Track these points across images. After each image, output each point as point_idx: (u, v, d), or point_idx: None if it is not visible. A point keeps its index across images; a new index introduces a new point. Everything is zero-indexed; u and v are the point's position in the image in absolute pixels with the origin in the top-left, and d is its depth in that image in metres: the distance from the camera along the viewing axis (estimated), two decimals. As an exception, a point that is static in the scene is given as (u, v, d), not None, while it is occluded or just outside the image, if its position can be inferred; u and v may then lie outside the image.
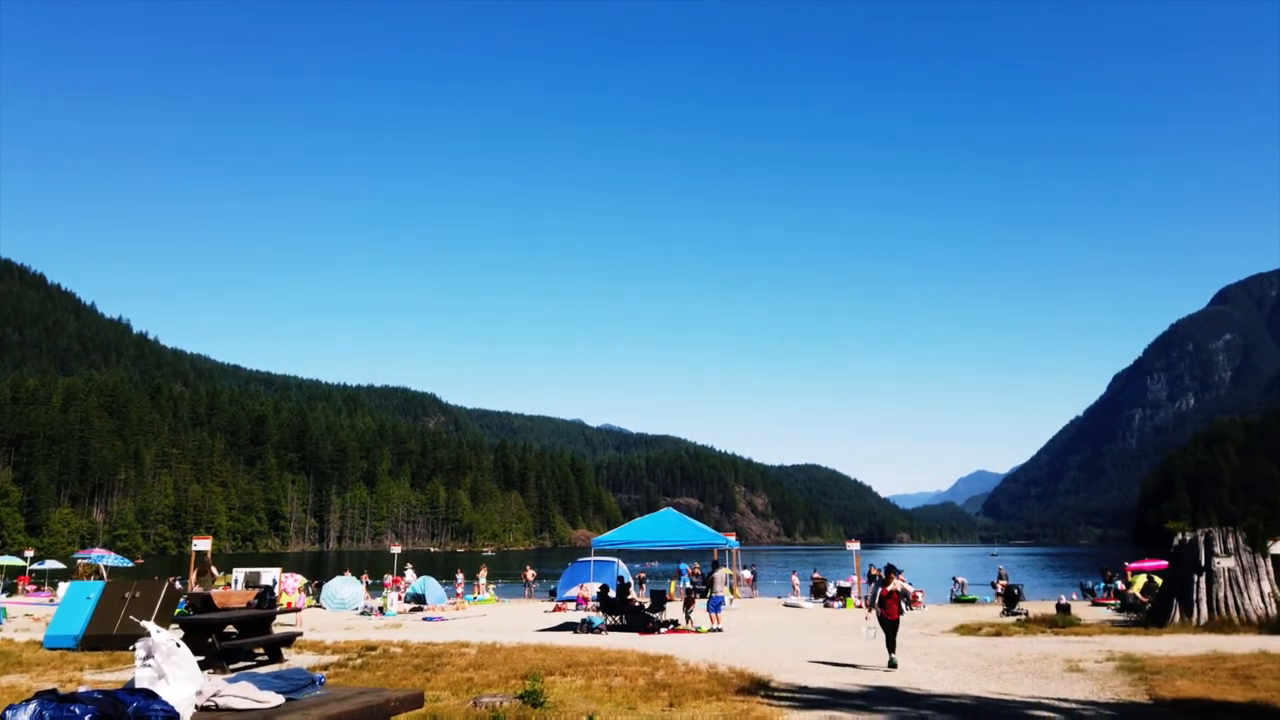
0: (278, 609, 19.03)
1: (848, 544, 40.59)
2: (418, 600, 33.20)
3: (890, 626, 15.11)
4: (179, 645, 4.12)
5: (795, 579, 41.00)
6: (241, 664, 15.19)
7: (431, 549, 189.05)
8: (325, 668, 14.51)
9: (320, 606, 33.01)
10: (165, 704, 3.76)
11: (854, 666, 15.05)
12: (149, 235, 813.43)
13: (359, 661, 15.43)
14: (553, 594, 36.73)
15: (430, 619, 27.65)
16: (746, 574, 43.48)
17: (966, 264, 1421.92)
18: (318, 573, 55.56)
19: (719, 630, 22.25)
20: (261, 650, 15.91)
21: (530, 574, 45.16)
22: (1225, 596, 21.27)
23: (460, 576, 42.43)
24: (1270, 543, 25.29)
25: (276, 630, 17.71)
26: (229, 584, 33.08)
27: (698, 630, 22.23)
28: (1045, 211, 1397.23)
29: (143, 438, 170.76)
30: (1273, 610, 20.96)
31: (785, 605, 33.32)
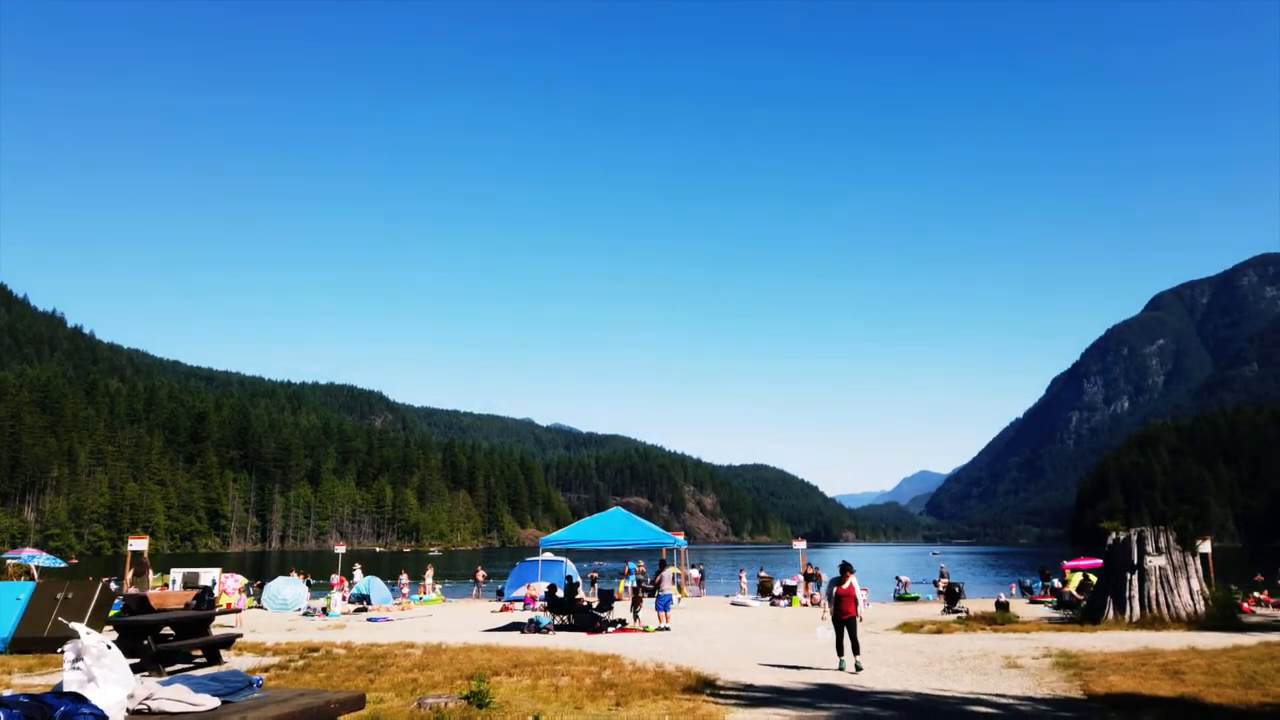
0: (217, 610, 18.60)
1: (794, 543, 40.99)
2: (362, 601, 32.75)
3: (845, 626, 14.56)
4: (110, 647, 4.01)
5: (743, 578, 41.27)
6: (179, 666, 14.82)
7: (377, 549, 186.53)
8: (266, 669, 14.24)
9: (262, 607, 32.39)
10: (94, 708, 3.65)
11: (799, 665, 15.19)
12: (85, 227, 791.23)
13: (301, 663, 15.16)
14: (500, 594, 36.50)
15: (375, 620, 27.28)
16: (694, 573, 43.65)
17: (912, 271, 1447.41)
18: (260, 573, 54.42)
19: (666, 629, 22.31)
20: (199, 652, 15.54)
21: (481, 574, 44.85)
22: (1157, 594, 21.93)
23: (403, 577, 41.92)
24: (1199, 542, 26.17)
25: (215, 632, 17.33)
26: (166, 585, 32.27)
27: (645, 629, 22.27)
28: (988, 219, 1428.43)
29: (77, 434, 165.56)
30: (1201, 607, 21.67)
31: (732, 604, 33.52)
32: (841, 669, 14.15)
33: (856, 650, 14.36)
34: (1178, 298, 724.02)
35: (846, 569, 15.05)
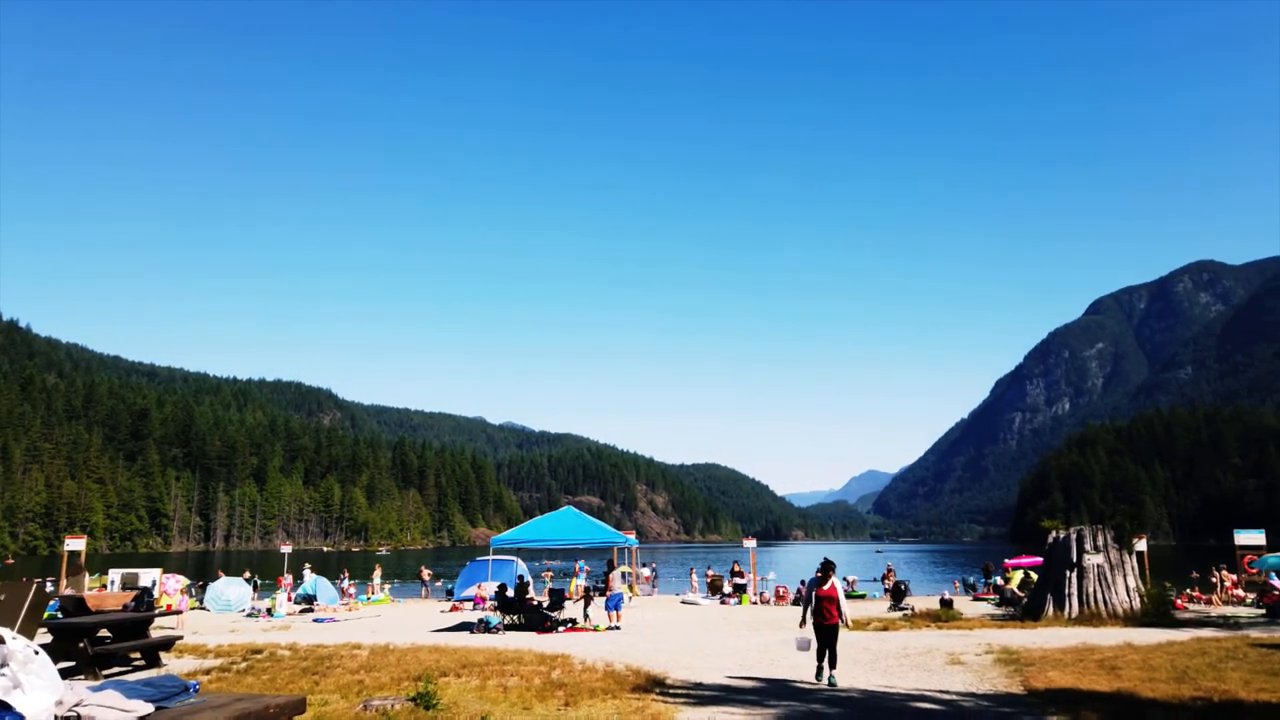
0: (157, 612, 18.15)
1: (745, 542, 41.29)
2: (308, 601, 32.18)
3: (827, 635, 12.90)
4: (37, 653, 3.87)
5: (693, 576, 41.44)
6: (116, 670, 14.42)
7: (325, 548, 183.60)
8: (207, 672, 13.94)
9: (204, 609, 31.69)
10: (19, 716, 3.53)
11: (749, 663, 15.29)
12: (21, 218, 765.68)
13: (243, 665, 14.86)
14: (450, 594, 36.16)
15: (321, 620, 26.84)
16: (645, 572, 43.71)
17: (862, 275, 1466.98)
18: (203, 574, 53.16)
19: (617, 628, 22.29)
20: (138, 655, 15.14)
21: (426, 573, 44.35)
22: (1094, 591, 22.49)
23: (345, 576, 41.22)
24: (1135, 540, 26.86)
25: (155, 634, 16.90)
26: (104, 586, 31.39)
27: (596, 629, 22.23)
28: (935, 224, 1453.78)
29: (11, 431, 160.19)
30: (1136, 604, 22.28)
31: (683, 603, 33.63)
32: (819, 679, 12.89)
33: (834, 663, 12.92)
34: (1117, 303, 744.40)
35: (828, 568, 13.20)
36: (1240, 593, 32.75)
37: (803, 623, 13.26)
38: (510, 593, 24.29)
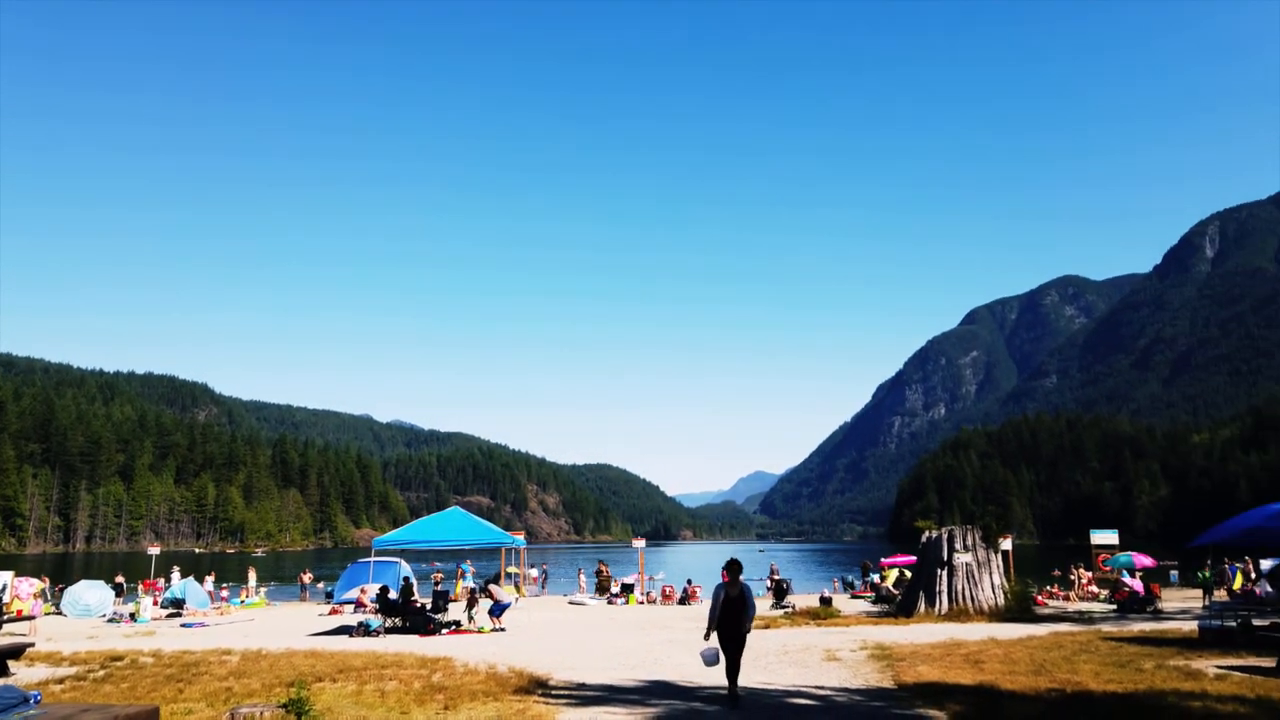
0: (5, 616, 16.97)
1: (634, 542, 41.50)
2: (176, 605, 30.63)
3: (732, 645, 11.13)
4: None
5: (581, 577, 41.41)
6: (-46, 682, 13.40)
7: (197, 550, 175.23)
8: (60, 681, 13.12)
9: (61, 614, 29.78)
10: None
11: (633, 663, 15.39)
12: None
13: (101, 673, 14.04)
14: (329, 596, 35.04)
15: (189, 625, 25.60)
16: (534, 573, 43.44)
17: (752, 279, 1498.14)
18: (62, 577, 49.90)
19: (502, 629, 22.08)
20: (-19, 665, 14.11)
21: (307, 576, 42.88)
22: (963, 588, 23.56)
23: (209, 581, 39.27)
24: (1001, 540, 28.27)
25: (3, 641, 15.79)
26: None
27: (480, 630, 21.96)
28: (820, 232, 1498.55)
29: None
30: (1001, 601, 23.46)
31: (570, 603, 33.57)
32: (730, 696, 11.08)
33: (734, 679, 11.14)
34: (990, 313, 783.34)
35: (735, 569, 11.31)
36: (1095, 589, 34.91)
37: (709, 632, 11.26)
38: (393, 595, 23.73)
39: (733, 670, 11.17)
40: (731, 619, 11.15)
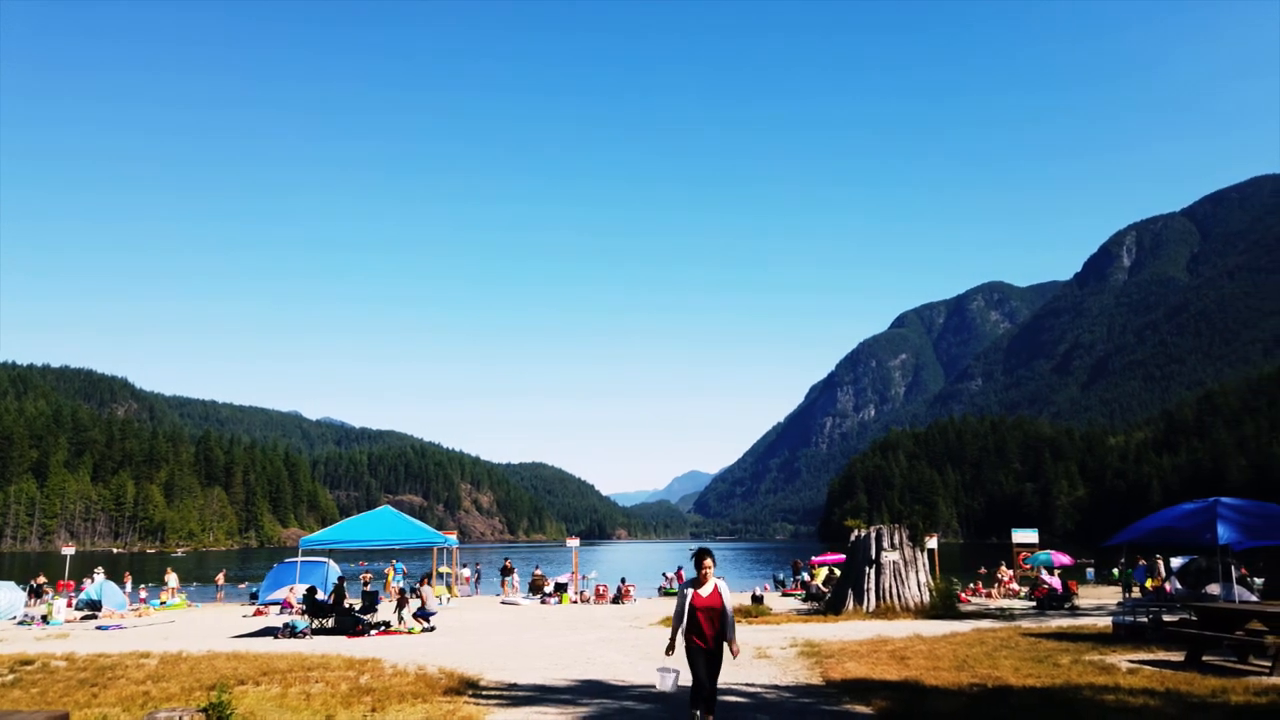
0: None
1: (568, 541, 41.38)
2: (92, 608, 29.52)
3: (706, 664, 8.53)
4: None
5: (515, 576, 41.10)
6: None
7: (115, 550, 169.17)
8: (-38, 689, 12.51)
9: (-36, 617, 28.46)
10: None
11: (565, 663, 15.33)
12: None
13: (9, 678, 13.46)
14: (254, 597, 34.17)
15: (106, 628, 24.70)
16: (466, 572, 42.96)
17: (687, 284, 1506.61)
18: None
19: (432, 629, 21.82)
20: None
21: (221, 576, 41.81)
22: (890, 586, 24.06)
23: (126, 582, 37.97)
24: (927, 538, 28.95)
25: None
26: None
27: (410, 631, 21.67)
28: (756, 234, 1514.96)
29: None
30: (926, 598, 24.01)
31: (503, 603, 33.33)
32: None
33: (711, 707, 8.55)
34: (919, 317, 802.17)
35: (705, 558, 8.84)
36: (1016, 587, 35.97)
37: (671, 646, 8.78)
38: (321, 595, 23.25)
39: (704, 698, 8.50)
40: (704, 627, 8.53)
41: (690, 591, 8.76)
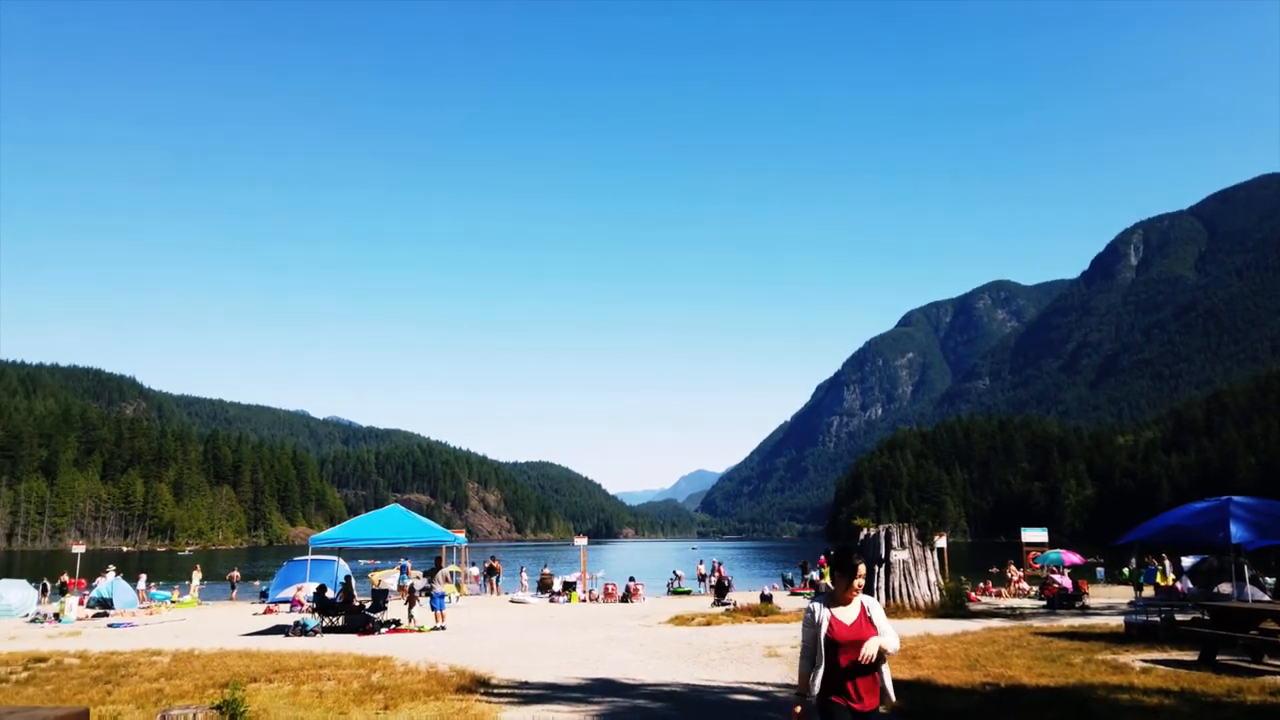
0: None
1: (575, 540, 41.44)
2: (104, 605, 29.67)
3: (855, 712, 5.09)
4: None
5: (524, 575, 41.21)
6: None
7: (125, 548, 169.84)
8: (-23, 686, 12.58)
9: (-23, 615, 28.62)
10: None
11: (575, 661, 15.33)
12: None
13: (24, 675, 13.52)
14: (264, 595, 34.27)
15: (117, 626, 24.80)
16: (474, 571, 43.04)
17: (693, 280, 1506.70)
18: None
19: (442, 628, 21.84)
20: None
21: (235, 574, 41.95)
22: (900, 585, 24.00)
23: (140, 581, 38.13)
24: (936, 538, 28.89)
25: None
26: None
27: (420, 629, 21.70)
28: (764, 233, 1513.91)
29: None
30: (936, 597, 23.95)
31: (512, 601, 33.36)
32: None
33: None
34: (925, 316, 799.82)
35: (856, 563, 5.29)
36: (1025, 586, 35.86)
37: (805, 689, 5.26)
38: (331, 593, 23.31)
39: None
40: (853, 675, 5.12)
41: (827, 615, 5.22)
